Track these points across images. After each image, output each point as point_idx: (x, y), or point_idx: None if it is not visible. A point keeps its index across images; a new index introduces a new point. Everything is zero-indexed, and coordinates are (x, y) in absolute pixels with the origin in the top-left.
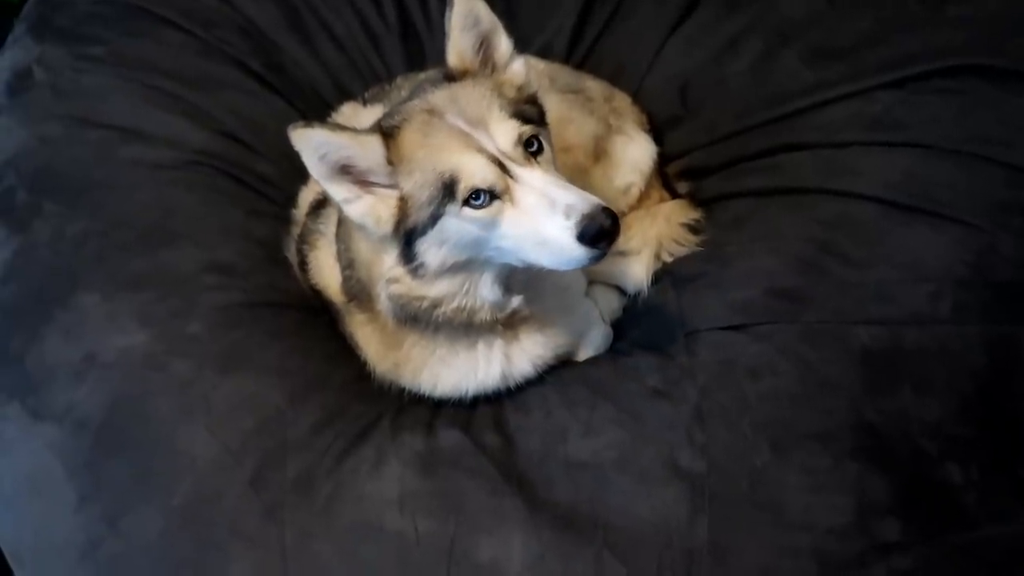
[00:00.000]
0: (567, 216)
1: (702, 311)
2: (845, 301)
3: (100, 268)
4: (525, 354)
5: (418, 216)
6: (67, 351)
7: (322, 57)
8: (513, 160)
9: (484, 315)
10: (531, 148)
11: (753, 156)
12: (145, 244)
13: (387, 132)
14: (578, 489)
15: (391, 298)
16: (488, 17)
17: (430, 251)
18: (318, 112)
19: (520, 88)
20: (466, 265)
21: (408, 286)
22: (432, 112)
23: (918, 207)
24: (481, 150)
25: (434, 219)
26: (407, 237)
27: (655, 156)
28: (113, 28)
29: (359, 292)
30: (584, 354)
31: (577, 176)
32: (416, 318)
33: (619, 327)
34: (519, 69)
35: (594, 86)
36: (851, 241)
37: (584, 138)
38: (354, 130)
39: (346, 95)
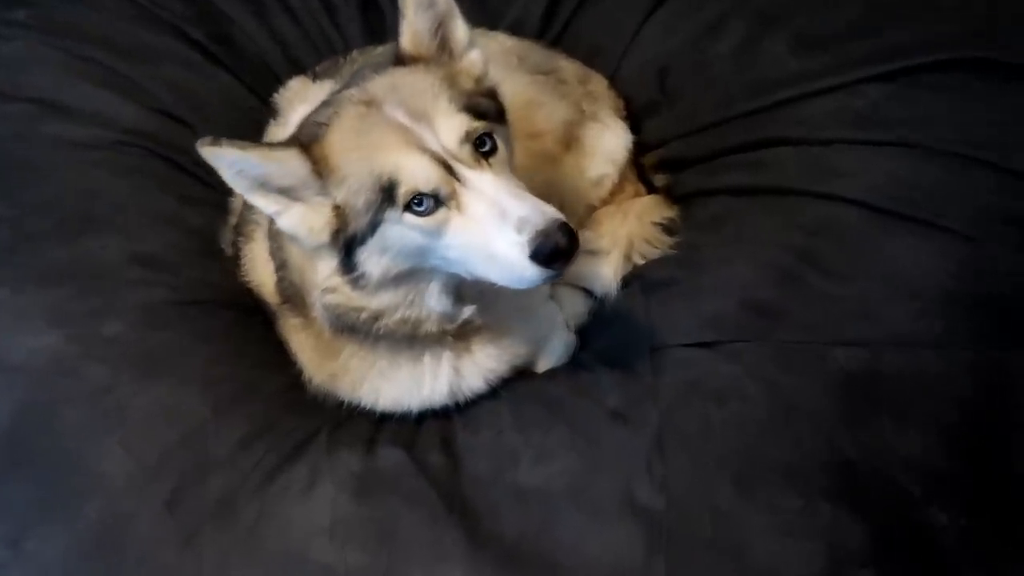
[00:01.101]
0: (519, 230)
1: (671, 324)
2: (822, 318)
3: (11, 259)
4: (477, 368)
5: (356, 224)
6: None
7: (273, 27)
8: (460, 161)
9: (431, 327)
10: (483, 148)
11: (734, 149)
12: (63, 233)
13: (308, 142)
14: (526, 521)
15: (327, 308)
16: None
17: (371, 260)
18: (267, 88)
19: (478, 80)
20: (411, 274)
21: (347, 296)
22: (369, 104)
23: (904, 213)
24: (424, 148)
25: (373, 227)
26: (346, 246)
27: (631, 146)
28: None
29: (293, 295)
30: (544, 364)
31: (546, 165)
32: (354, 328)
33: (583, 335)
34: (477, 58)
35: (568, 67)
36: (832, 250)
37: (554, 124)
38: (268, 146)
39: (299, 69)
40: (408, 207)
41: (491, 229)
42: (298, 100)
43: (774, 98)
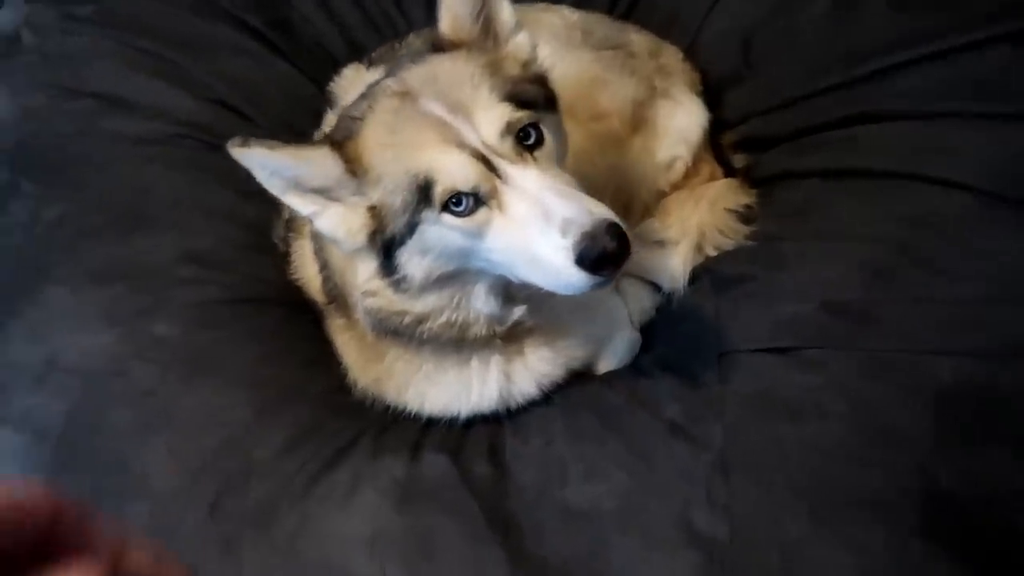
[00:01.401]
0: (563, 233)
1: (743, 326)
2: (923, 323)
3: (71, 258)
4: (529, 372)
5: (394, 225)
6: (31, 351)
7: (333, 10)
8: (502, 156)
9: (479, 330)
10: (527, 140)
11: (824, 126)
12: (118, 230)
13: (342, 139)
14: (573, 545)
15: (368, 311)
16: None
17: (412, 262)
18: (326, 75)
19: (525, 65)
20: (456, 276)
21: (388, 299)
22: (404, 96)
23: None
24: (462, 144)
25: (411, 227)
26: (385, 248)
27: (707, 124)
28: None
29: (337, 296)
30: (605, 366)
31: (610, 149)
32: (397, 332)
33: (646, 334)
34: (524, 42)
35: (638, 40)
36: (937, 243)
37: (621, 103)
38: (299, 146)
39: (359, 53)
40: (446, 207)
41: (533, 231)
42: (353, 88)
43: (872, 66)
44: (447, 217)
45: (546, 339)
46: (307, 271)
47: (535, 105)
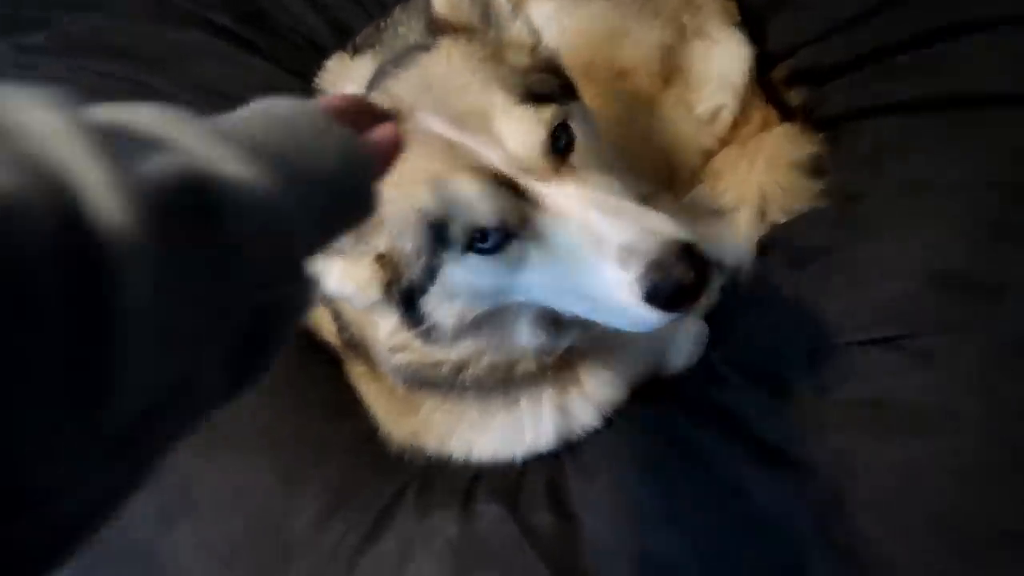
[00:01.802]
0: (624, 265)
1: (833, 312)
2: None
3: None
4: (587, 402)
5: (411, 273)
6: None
7: None
8: (530, 172)
9: (528, 365)
10: (557, 144)
11: (898, 47)
12: None
13: None
14: None
15: (397, 368)
16: None
17: (440, 310)
18: (311, 66)
19: (532, 50)
20: (495, 314)
21: (420, 353)
22: (396, 115)
23: None
24: (477, 168)
25: (431, 273)
26: (405, 299)
27: (752, 61)
28: (55, 3)
29: (356, 345)
30: (672, 367)
31: (640, 112)
32: (435, 384)
33: (714, 324)
34: (526, 22)
35: None
36: None
37: (646, 54)
38: None
39: (345, 37)
40: (470, 246)
41: (584, 266)
42: (340, 81)
43: None
44: (472, 258)
45: (603, 360)
46: (316, 313)
47: (554, 98)
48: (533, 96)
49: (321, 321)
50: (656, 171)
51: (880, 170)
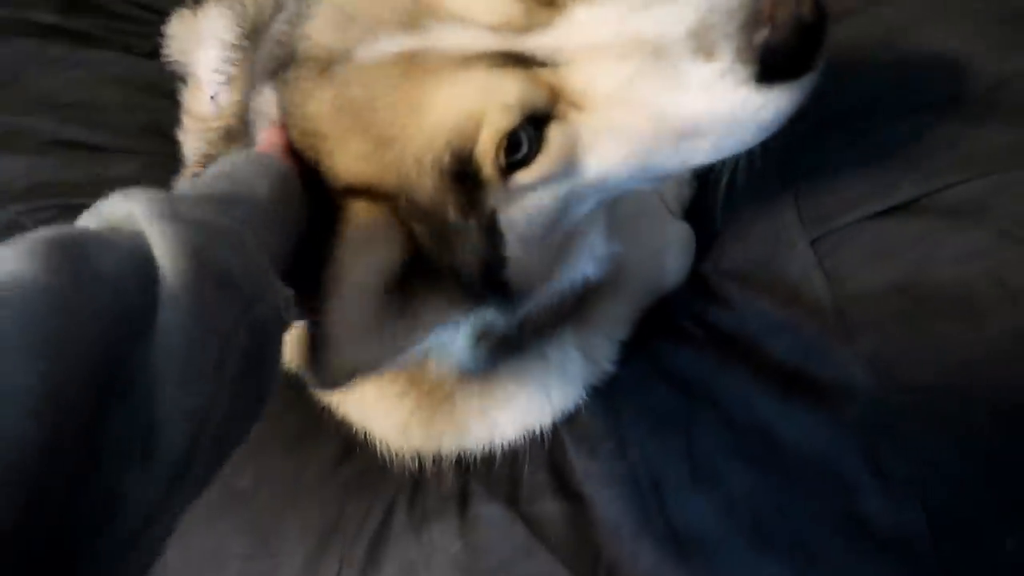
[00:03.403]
0: (707, 50)
1: (830, 183)
2: None
3: None
4: (606, 340)
5: (460, 251)
6: None
7: None
8: (526, 30)
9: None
10: None
11: None
12: None
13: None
14: None
15: (473, 360)
16: None
17: (524, 270)
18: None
19: None
20: (568, 238)
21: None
22: (330, 63)
23: None
24: (463, 60)
25: (489, 235)
26: (477, 291)
27: None
28: None
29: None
30: (667, 286)
31: None
32: (519, 347)
33: (695, 223)
34: None
35: None
36: None
37: None
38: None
39: None
40: (507, 170)
41: (659, 96)
42: (194, 46)
43: None
44: (518, 180)
45: (612, 289)
46: None
47: None
48: None
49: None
50: None
51: None
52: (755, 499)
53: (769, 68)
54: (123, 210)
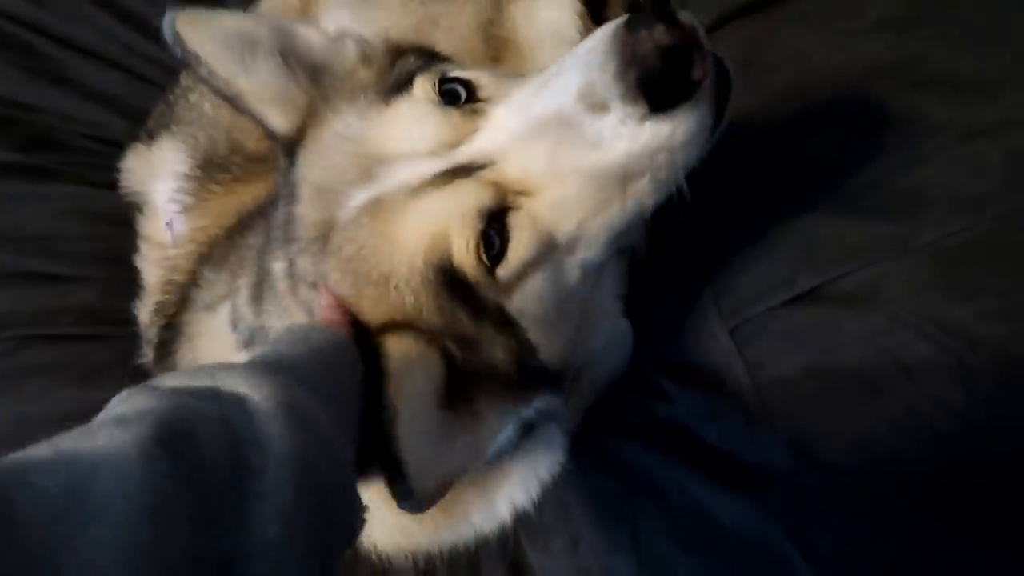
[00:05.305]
0: (598, 106)
1: (739, 270)
2: None
3: None
4: (557, 429)
5: (487, 353)
6: None
7: (89, 88)
8: (458, 143)
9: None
10: (455, 95)
11: None
12: None
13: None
14: None
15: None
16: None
17: (547, 345)
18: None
19: (366, 58)
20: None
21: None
22: (325, 231)
23: None
24: (417, 190)
25: (504, 325)
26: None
27: (578, 3)
28: None
29: None
30: (612, 379)
31: None
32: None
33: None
34: (350, 44)
35: None
36: None
37: (465, 36)
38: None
39: (141, 118)
40: (491, 267)
41: (577, 154)
42: (149, 177)
43: None
44: (502, 272)
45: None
46: None
47: (416, 71)
48: (398, 88)
49: None
50: None
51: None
52: None
53: (657, 97)
54: (238, 389)
